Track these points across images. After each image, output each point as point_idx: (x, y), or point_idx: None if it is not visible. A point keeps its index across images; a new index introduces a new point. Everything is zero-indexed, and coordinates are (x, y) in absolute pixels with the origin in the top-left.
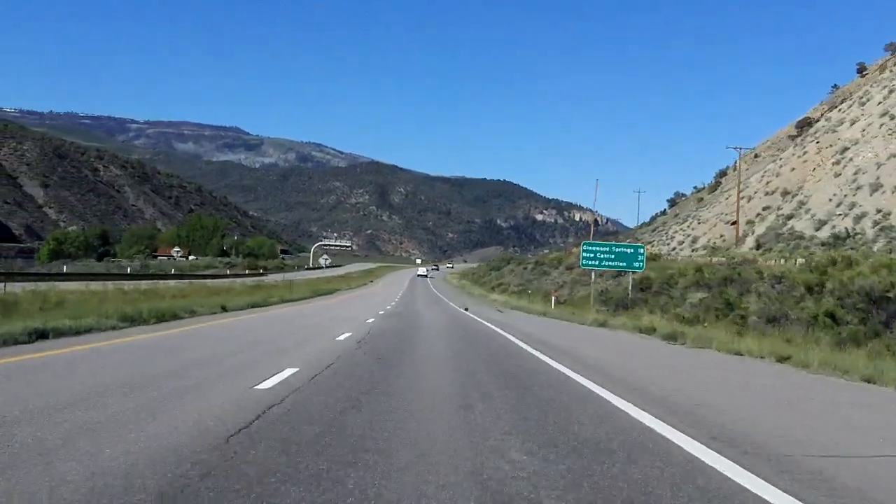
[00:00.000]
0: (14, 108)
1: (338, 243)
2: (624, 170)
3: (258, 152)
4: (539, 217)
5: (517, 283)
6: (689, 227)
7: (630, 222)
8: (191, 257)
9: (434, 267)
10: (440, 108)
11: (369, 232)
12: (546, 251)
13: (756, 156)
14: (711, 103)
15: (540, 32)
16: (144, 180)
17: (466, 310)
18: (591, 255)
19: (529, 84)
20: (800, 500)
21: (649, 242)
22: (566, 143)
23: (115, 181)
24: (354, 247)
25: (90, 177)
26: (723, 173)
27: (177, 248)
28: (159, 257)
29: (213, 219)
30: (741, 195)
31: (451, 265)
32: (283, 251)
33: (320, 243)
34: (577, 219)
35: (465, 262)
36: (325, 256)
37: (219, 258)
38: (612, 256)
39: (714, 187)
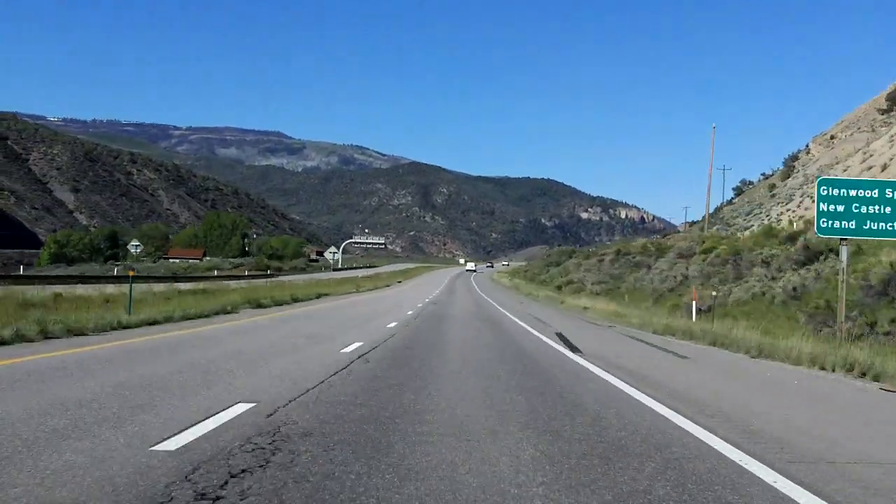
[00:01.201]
0: (57, 117)
1: (370, 240)
2: (670, 167)
3: (300, 156)
4: (584, 215)
5: (595, 280)
6: (800, 206)
7: (676, 222)
8: (206, 258)
9: (489, 265)
10: (482, 107)
11: (412, 233)
12: (593, 249)
13: (832, 137)
14: (757, 98)
15: (584, 27)
16: (179, 183)
17: (574, 349)
18: (841, 209)
19: (572, 80)
20: None
21: (746, 228)
22: (611, 139)
23: (149, 185)
24: (398, 249)
25: (122, 181)
26: (794, 157)
27: (135, 243)
28: (171, 259)
29: (231, 216)
30: (845, 172)
31: (506, 262)
32: (320, 252)
33: (351, 240)
34: (622, 216)
35: (512, 261)
36: (332, 250)
37: (231, 259)
38: (888, 211)
39: (786, 173)
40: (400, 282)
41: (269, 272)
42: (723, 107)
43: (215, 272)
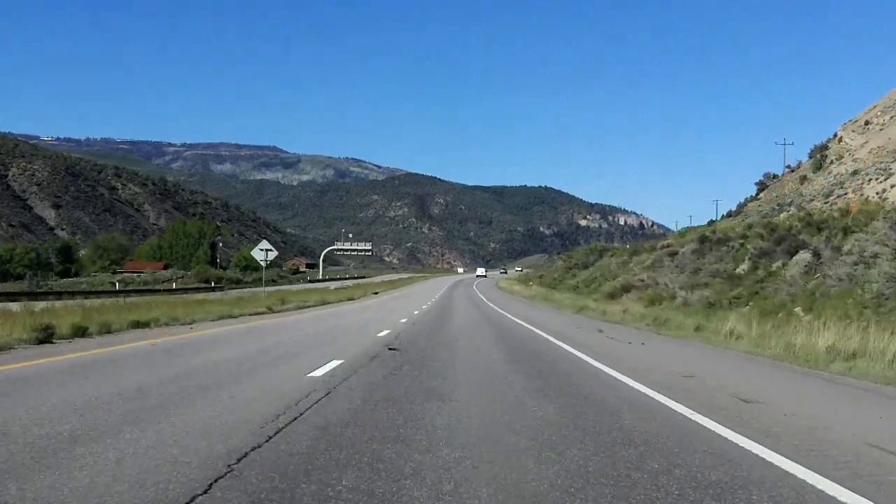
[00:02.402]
0: (51, 136)
1: (355, 247)
2: (669, 172)
3: (296, 170)
4: (583, 222)
5: (687, 282)
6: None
7: (675, 227)
8: (166, 270)
9: (502, 270)
10: (477, 117)
11: (409, 245)
12: (645, 244)
13: (866, 123)
14: (767, 96)
15: (578, 32)
16: (167, 197)
17: None
18: None
19: (568, 87)
20: None
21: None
22: (608, 145)
23: (135, 199)
24: (395, 261)
25: (106, 196)
26: (824, 147)
27: None
28: (126, 272)
29: (198, 223)
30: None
31: (519, 268)
32: (310, 265)
33: (333, 247)
34: (622, 223)
35: (524, 268)
36: (263, 245)
37: (178, 271)
38: None
39: (818, 163)
40: (376, 293)
41: (215, 285)
42: (727, 107)
43: (115, 285)
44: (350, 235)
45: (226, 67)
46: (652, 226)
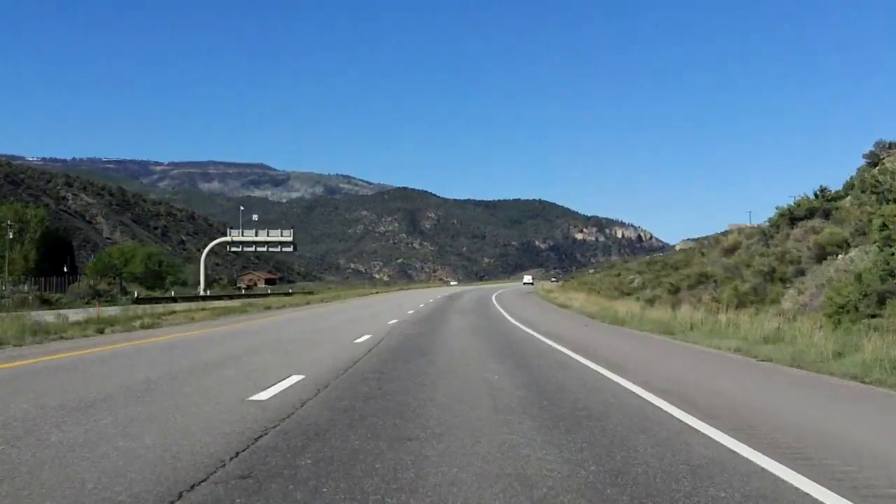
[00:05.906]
0: (36, 157)
1: (266, 238)
2: (668, 183)
3: (285, 187)
4: (579, 236)
5: None
6: None
7: (672, 240)
8: None
9: (554, 279)
10: (469, 131)
11: (400, 261)
12: (592, 271)
13: None
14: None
15: (572, 45)
16: (125, 209)
17: None
18: None
19: (561, 98)
20: None
21: None
22: (603, 156)
23: (87, 210)
24: (385, 277)
25: (52, 206)
26: None
27: None
28: None
29: (20, 209)
30: None
31: (594, 269)
32: (270, 280)
33: (224, 239)
34: (619, 235)
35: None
36: None
37: None
38: None
39: None
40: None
41: None
42: (726, 117)
43: None
44: (255, 218)
45: (213, 85)
46: (650, 238)
